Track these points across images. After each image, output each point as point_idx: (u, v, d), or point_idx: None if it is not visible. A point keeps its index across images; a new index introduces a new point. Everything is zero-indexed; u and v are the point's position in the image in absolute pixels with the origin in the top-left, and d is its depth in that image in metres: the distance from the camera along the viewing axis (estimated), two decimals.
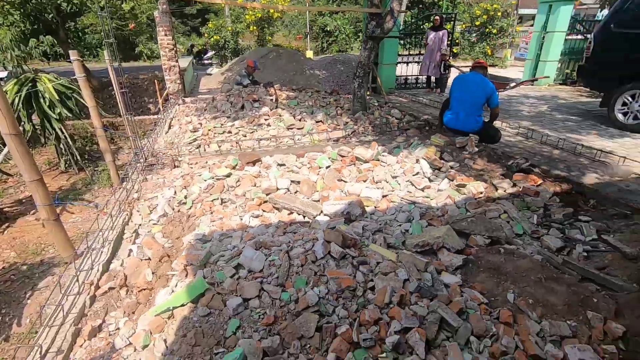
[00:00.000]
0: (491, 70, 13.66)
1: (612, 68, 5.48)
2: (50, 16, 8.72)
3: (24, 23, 8.15)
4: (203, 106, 6.58)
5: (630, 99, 5.27)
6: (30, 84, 5.41)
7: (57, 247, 3.37)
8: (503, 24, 15.59)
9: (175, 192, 3.37)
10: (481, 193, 3.28)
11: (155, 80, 7.86)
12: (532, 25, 10.79)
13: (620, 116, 5.42)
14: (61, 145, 6.14)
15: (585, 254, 2.56)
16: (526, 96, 8.11)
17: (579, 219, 3.00)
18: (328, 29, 22.24)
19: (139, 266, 2.37)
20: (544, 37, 9.18)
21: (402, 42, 10.42)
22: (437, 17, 7.95)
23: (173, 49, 7.68)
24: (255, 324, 1.75)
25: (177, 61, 7.86)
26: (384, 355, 1.61)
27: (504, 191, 3.39)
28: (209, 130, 5.13)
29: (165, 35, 7.52)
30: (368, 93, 8.18)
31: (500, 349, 1.76)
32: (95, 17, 9.37)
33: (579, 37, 9.62)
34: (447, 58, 7.67)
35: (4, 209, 4.98)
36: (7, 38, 7.45)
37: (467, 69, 4.96)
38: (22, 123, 5.48)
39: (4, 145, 3.71)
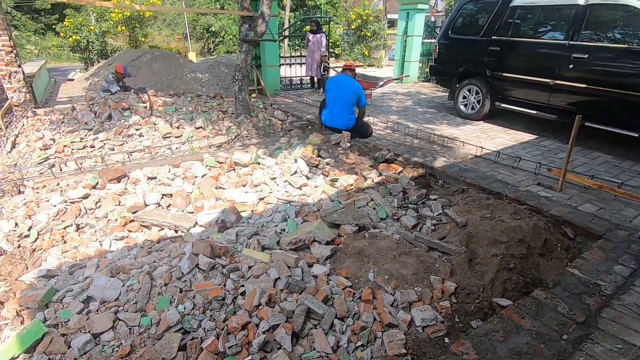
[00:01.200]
0: (368, 70, 15.03)
1: (452, 67, 6.55)
2: None
3: None
4: (60, 118, 5.69)
5: (467, 92, 6.37)
6: None
7: None
8: (375, 28, 17.21)
9: (15, 224, 2.84)
10: (351, 185, 3.58)
11: None
12: None
13: (462, 107, 6.51)
14: None
15: (432, 227, 3.01)
16: (396, 93, 9.13)
17: (430, 198, 3.51)
18: (213, 30, 21.45)
19: None
20: (405, 40, 10.44)
21: (290, 42, 10.71)
22: (313, 22, 8.37)
23: (12, 51, 6.44)
24: (107, 359, 1.60)
25: (19, 66, 6.62)
26: (249, 358, 1.64)
27: (372, 181, 3.76)
28: (65, 146, 4.46)
29: None
30: (254, 95, 8.18)
31: (360, 324, 1.96)
32: None
33: (433, 40, 11.23)
34: (326, 59, 8.14)
35: None
36: None
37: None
38: None
39: None
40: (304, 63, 9.01)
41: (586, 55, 4.70)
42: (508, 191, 3.60)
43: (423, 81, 10.99)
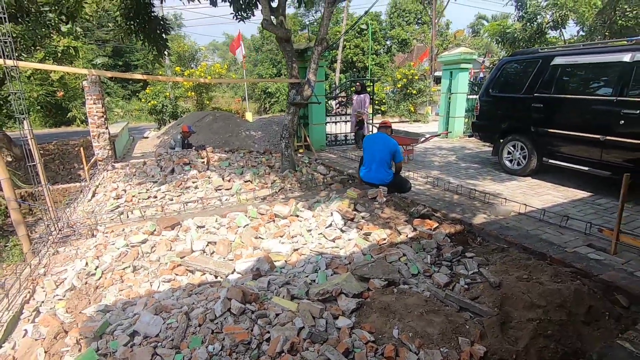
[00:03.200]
0: (414, 126, 15.33)
1: (494, 124, 6.57)
2: None
3: None
4: (132, 172, 6.56)
5: (512, 148, 6.28)
6: None
7: None
8: (421, 86, 17.80)
9: (86, 264, 3.30)
10: (384, 239, 3.64)
11: (82, 148, 7.71)
12: None
13: (507, 163, 6.38)
14: None
15: (466, 286, 2.93)
16: (439, 148, 9.18)
17: (466, 256, 3.44)
18: (269, 91, 23.65)
19: (31, 347, 2.27)
20: (449, 97, 10.68)
21: (337, 101, 11.59)
22: (357, 84, 9.05)
23: (102, 116, 7.72)
24: None
25: (106, 128, 7.86)
26: None
27: (406, 236, 3.79)
28: (133, 196, 5.12)
29: (94, 103, 7.58)
30: (301, 151, 8.75)
31: None
32: (19, 85, 9.19)
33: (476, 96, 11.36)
34: (361, 117, 8.66)
35: None
36: None
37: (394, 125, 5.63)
38: None
39: None
40: (348, 121, 9.58)
41: (637, 111, 4.52)
42: (553, 252, 3.41)
43: (469, 136, 10.94)
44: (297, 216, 4.17)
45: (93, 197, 5.73)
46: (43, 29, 8.15)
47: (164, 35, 7.77)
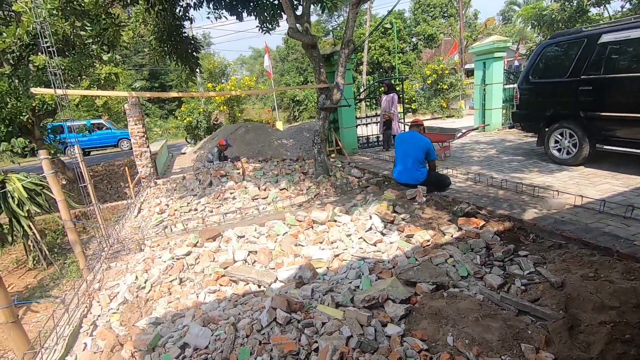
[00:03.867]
0: (447, 122, 14.82)
1: (537, 112, 6.16)
2: (25, 117, 9.19)
3: None
4: (173, 186, 6.82)
5: (559, 136, 5.85)
6: None
7: (15, 352, 3.27)
8: (452, 80, 17.22)
9: (136, 277, 3.43)
10: (428, 241, 3.49)
11: (127, 167, 8.15)
12: None
13: (555, 153, 5.95)
14: (29, 242, 6.14)
15: (523, 287, 2.72)
16: (477, 142, 8.78)
17: (519, 254, 3.20)
18: (298, 99, 23.93)
19: (90, 359, 2.37)
20: (484, 89, 10.22)
21: (367, 103, 11.45)
22: (384, 85, 8.90)
23: (143, 136, 8.13)
24: None
25: (148, 147, 8.26)
26: None
27: (451, 236, 3.61)
28: (175, 210, 5.30)
29: (135, 124, 8.00)
30: (333, 156, 8.71)
31: None
32: (69, 113, 9.92)
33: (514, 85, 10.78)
34: (389, 117, 8.48)
35: None
36: None
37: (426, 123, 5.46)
38: None
39: None
40: (379, 122, 9.43)
41: None
42: (620, 246, 3.10)
43: (509, 127, 10.39)
44: (335, 221, 4.11)
45: (139, 213, 6.01)
46: (87, 60, 8.77)
47: (195, 54, 8.08)
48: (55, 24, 6.94)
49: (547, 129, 6.03)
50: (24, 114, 8.95)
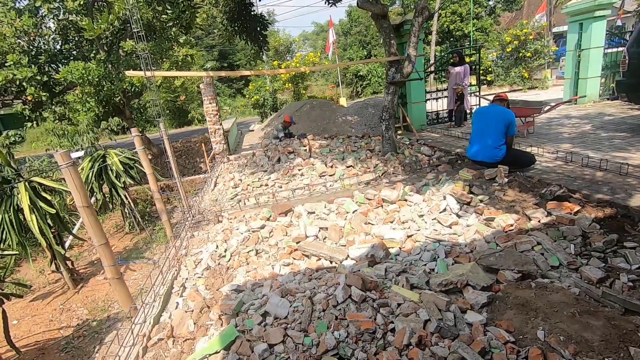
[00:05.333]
0: (529, 94, 13.32)
1: None
2: (117, 99, 10.28)
3: (97, 108, 9.69)
4: (244, 162, 7.17)
5: None
6: (101, 160, 6.35)
7: (120, 303, 3.80)
8: (537, 46, 15.28)
9: (216, 246, 3.71)
10: (511, 225, 3.21)
11: (203, 144, 8.74)
12: None
13: None
14: (126, 210, 6.98)
15: (630, 283, 2.39)
16: (568, 117, 7.76)
17: (624, 246, 2.80)
18: (361, 74, 23.34)
19: (183, 317, 2.64)
20: (579, 55, 8.91)
21: (436, 76, 10.70)
22: (455, 55, 8.20)
23: (217, 114, 8.60)
24: None
25: (221, 124, 8.74)
26: None
27: (538, 222, 3.28)
28: (248, 185, 5.58)
29: (210, 103, 8.48)
30: (400, 132, 8.39)
31: None
32: (154, 94, 10.88)
33: (621, 49, 9.19)
34: (461, 91, 7.80)
35: (80, 270, 5.69)
36: (84, 123, 8.88)
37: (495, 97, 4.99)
38: (95, 194, 6.38)
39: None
40: (448, 97, 8.78)
41: None
42: None
43: (609, 99, 9.01)
44: (406, 200, 3.98)
45: (215, 187, 6.45)
46: (167, 43, 9.42)
47: (263, 32, 8.19)
48: (140, 10, 7.50)
49: None
50: (116, 95, 10.00)
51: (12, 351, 3.33)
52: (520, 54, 15.32)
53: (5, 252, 3.92)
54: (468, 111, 8.49)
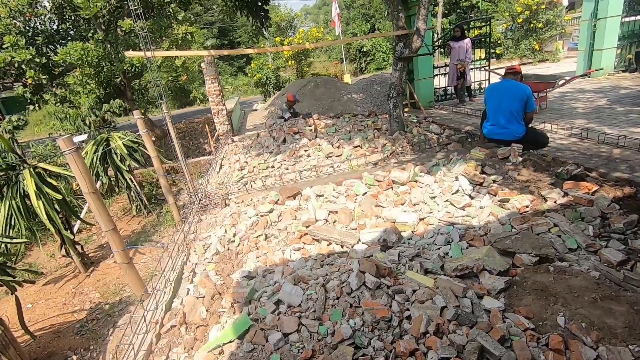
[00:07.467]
0: (539, 67, 12.90)
1: None
2: (118, 80, 10.09)
3: (98, 90, 9.54)
4: (249, 143, 7.06)
5: None
6: (105, 143, 6.27)
7: (131, 287, 3.82)
8: (549, 16, 14.67)
9: (225, 231, 3.67)
10: (527, 207, 3.12)
11: (206, 124, 8.61)
12: None
13: None
14: (132, 193, 6.96)
15: None
16: (581, 91, 7.50)
17: None
18: (365, 50, 22.70)
19: (195, 304, 2.63)
20: (595, 24, 8.51)
21: (443, 50, 10.33)
22: (456, 29, 7.87)
23: (219, 94, 8.42)
24: (294, 358, 1.87)
25: (224, 104, 8.57)
26: None
27: (554, 202, 3.19)
28: (254, 167, 5.49)
29: (212, 83, 8.29)
30: (407, 110, 8.18)
31: None
32: (155, 75, 10.65)
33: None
34: (463, 67, 7.52)
35: (90, 254, 5.74)
36: (86, 105, 8.75)
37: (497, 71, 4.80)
38: (100, 177, 6.34)
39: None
40: (448, 73, 8.48)
41: None
42: None
43: (625, 71, 8.68)
44: (417, 182, 3.88)
45: (221, 169, 6.38)
46: (165, 20, 9.11)
47: (264, 6, 7.87)
48: None
49: None
50: (117, 76, 9.81)
51: (27, 335, 3.38)
52: (532, 25, 14.74)
53: (15, 241, 3.92)
54: (470, 85, 8.20)
